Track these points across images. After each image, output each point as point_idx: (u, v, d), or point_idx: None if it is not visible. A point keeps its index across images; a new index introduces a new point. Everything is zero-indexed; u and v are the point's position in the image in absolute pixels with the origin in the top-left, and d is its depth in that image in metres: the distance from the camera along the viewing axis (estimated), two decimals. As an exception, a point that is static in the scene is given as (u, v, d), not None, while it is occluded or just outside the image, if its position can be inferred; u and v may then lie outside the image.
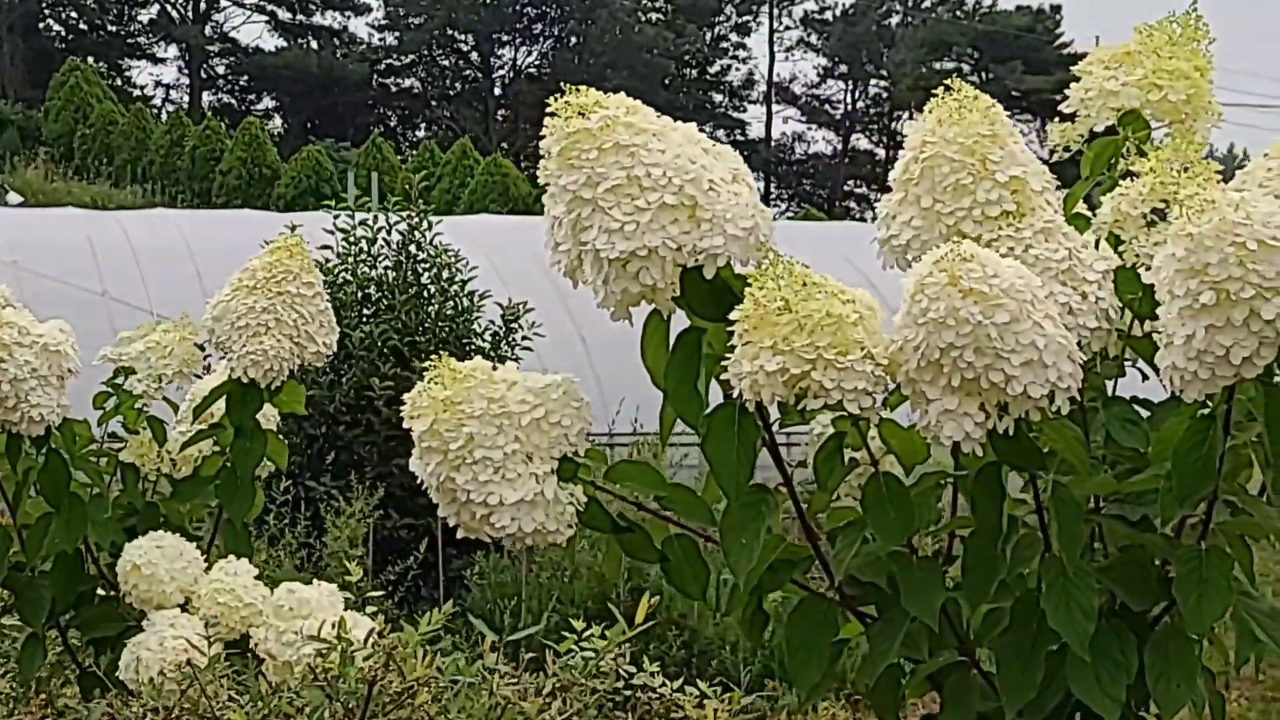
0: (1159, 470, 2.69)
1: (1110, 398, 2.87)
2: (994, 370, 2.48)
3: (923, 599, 2.70)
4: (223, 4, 57.52)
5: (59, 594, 4.05)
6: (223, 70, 58.54)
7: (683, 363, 2.68)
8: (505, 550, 9.15)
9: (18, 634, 4.23)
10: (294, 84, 54.55)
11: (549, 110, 2.67)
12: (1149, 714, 2.80)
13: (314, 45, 57.48)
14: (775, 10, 61.10)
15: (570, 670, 3.18)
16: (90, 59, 46.99)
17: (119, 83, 52.81)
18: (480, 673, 3.10)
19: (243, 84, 58.04)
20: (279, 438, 4.21)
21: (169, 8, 57.00)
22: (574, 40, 58.16)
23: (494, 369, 2.86)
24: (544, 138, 2.68)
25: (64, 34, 55.80)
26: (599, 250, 2.60)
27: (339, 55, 57.14)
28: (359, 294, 10.61)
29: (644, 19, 58.61)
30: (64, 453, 3.96)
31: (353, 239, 10.83)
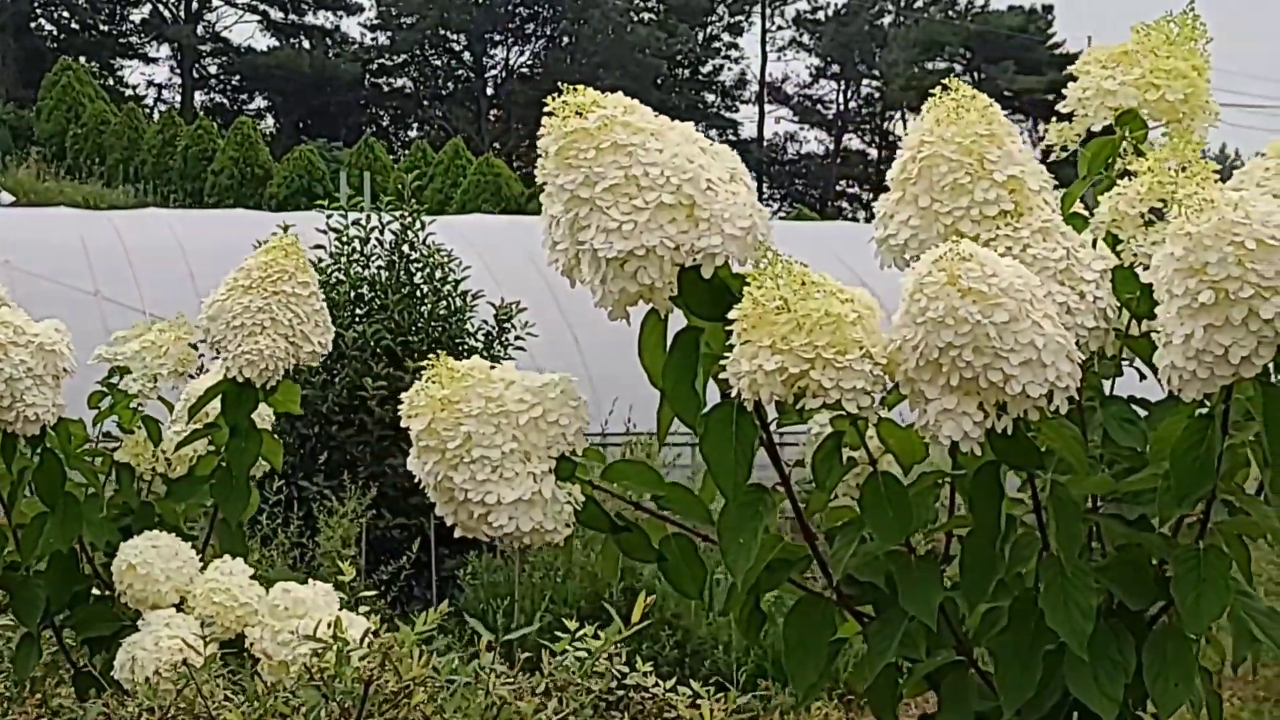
0: (1157, 470, 2.69)
1: (1108, 397, 2.87)
2: (993, 370, 2.48)
3: (921, 598, 2.70)
4: (215, 4, 57.49)
5: (54, 593, 4.05)
6: (215, 70, 58.47)
7: (680, 362, 2.68)
8: (498, 550, 9.14)
9: (12, 633, 4.23)
10: (286, 84, 54.47)
11: (546, 109, 2.67)
12: (1146, 713, 2.80)
13: (306, 45, 57.41)
14: (767, 10, 61.12)
15: (566, 670, 3.18)
16: (82, 58, 46.86)
17: (111, 82, 52.68)
18: (476, 672, 3.09)
19: (235, 84, 57.97)
20: (274, 437, 4.20)
21: (161, 7, 56.90)
22: (566, 40, 58.11)
23: (491, 368, 2.85)
24: (541, 137, 2.68)
25: (56, 33, 55.67)
26: (597, 249, 2.60)
27: (331, 55, 57.06)
28: (352, 294, 10.59)
29: (636, 19, 58.58)
30: (59, 452, 3.96)
31: (345, 239, 10.81)
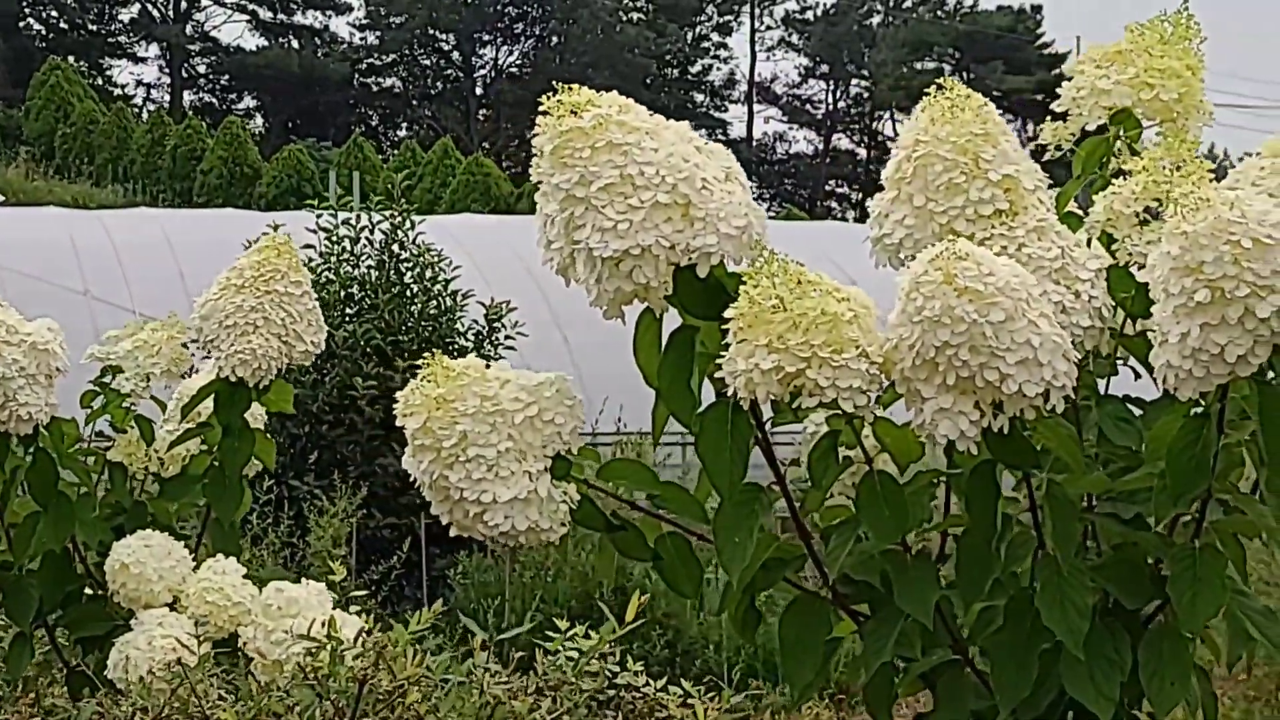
0: (1152, 469, 2.69)
1: (1103, 396, 2.87)
2: (989, 369, 2.49)
3: (917, 597, 2.70)
4: (204, 3, 57.34)
5: (47, 593, 4.04)
6: (204, 69, 58.36)
7: (676, 361, 2.68)
8: (489, 550, 9.14)
9: (5, 633, 4.21)
10: (275, 83, 54.38)
11: (541, 108, 2.66)
12: (1142, 712, 2.80)
13: (295, 45, 57.29)
14: (756, 10, 61.14)
15: (559, 670, 3.17)
16: (71, 58, 46.81)
17: (100, 82, 52.60)
18: (470, 672, 3.08)
19: (224, 83, 57.86)
20: (267, 437, 4.20)
21: (150, 7, 56.78)
22: (555, 40, 58.06)
23: (486, 367, 2.85)
24: (534, 136, 2.68)
25: (44, 33, 55.55)
26: (592, 249, 2.60)
27: (320, 55, 56.96)
28: (342, 293, 10.60)
29: (625, 19, 58.55)
30: (52, 451, 3.95)
31: (335, 238, 10.82)
